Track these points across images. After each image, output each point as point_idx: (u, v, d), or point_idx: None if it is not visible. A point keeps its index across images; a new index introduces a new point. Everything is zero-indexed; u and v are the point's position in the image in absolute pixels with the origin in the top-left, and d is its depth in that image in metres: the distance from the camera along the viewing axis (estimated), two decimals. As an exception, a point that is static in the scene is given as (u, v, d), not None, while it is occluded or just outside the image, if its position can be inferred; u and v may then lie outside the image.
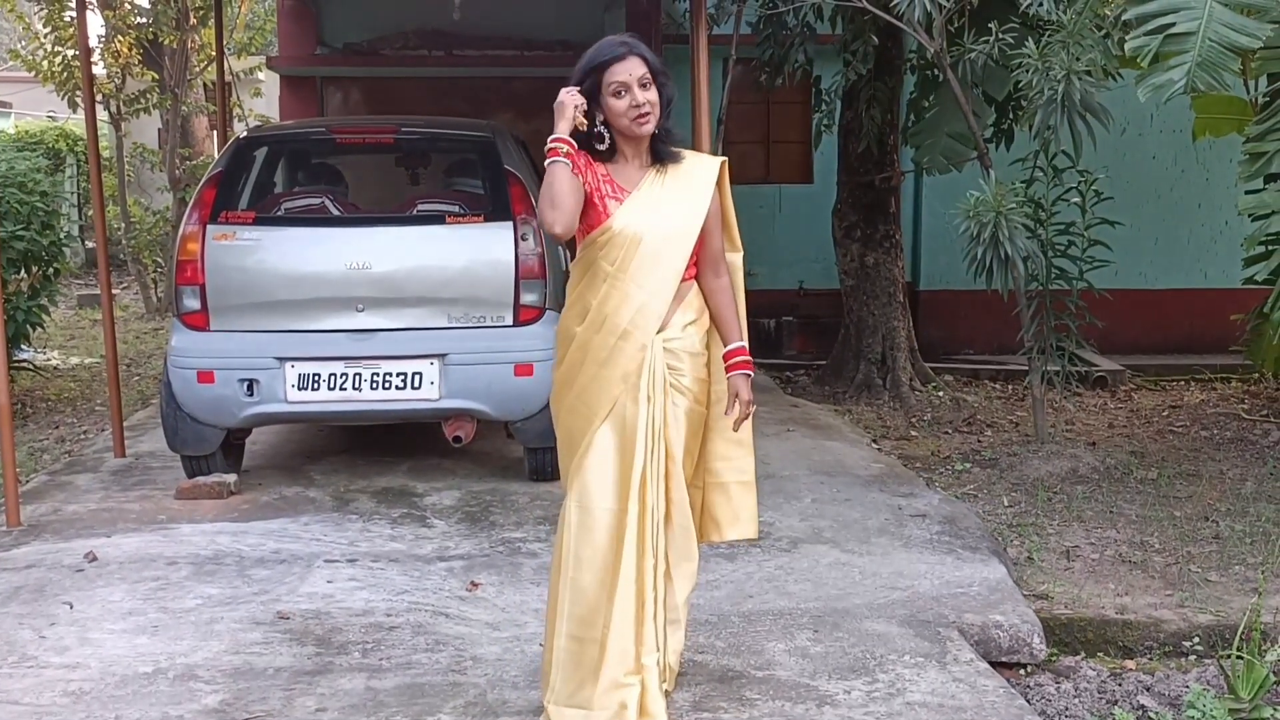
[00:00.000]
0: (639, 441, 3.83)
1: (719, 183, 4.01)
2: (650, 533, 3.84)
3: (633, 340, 3.85)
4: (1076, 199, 8.19)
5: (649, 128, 3.82)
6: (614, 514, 3.82)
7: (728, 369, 4.05)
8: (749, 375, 4.06)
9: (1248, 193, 7.98)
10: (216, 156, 7.61)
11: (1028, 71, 7.28)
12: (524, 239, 6.50)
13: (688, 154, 4.00)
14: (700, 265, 4.01)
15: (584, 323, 3.90)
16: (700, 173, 3.97)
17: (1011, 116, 9.60)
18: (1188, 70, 6.77)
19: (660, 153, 3.92)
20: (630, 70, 3.76)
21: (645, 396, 3.85)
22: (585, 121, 3.77)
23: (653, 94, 3.79)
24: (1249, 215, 8.06)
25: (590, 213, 3.86)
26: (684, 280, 3.94)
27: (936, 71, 9.17)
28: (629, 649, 3.79)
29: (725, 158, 4.07)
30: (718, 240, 4.04)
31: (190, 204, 6.70)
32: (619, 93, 3.77)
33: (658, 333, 3.88)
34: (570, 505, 3.88)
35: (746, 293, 4.20)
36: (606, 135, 3.85)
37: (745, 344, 4.07)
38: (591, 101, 3.79)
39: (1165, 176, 12.58)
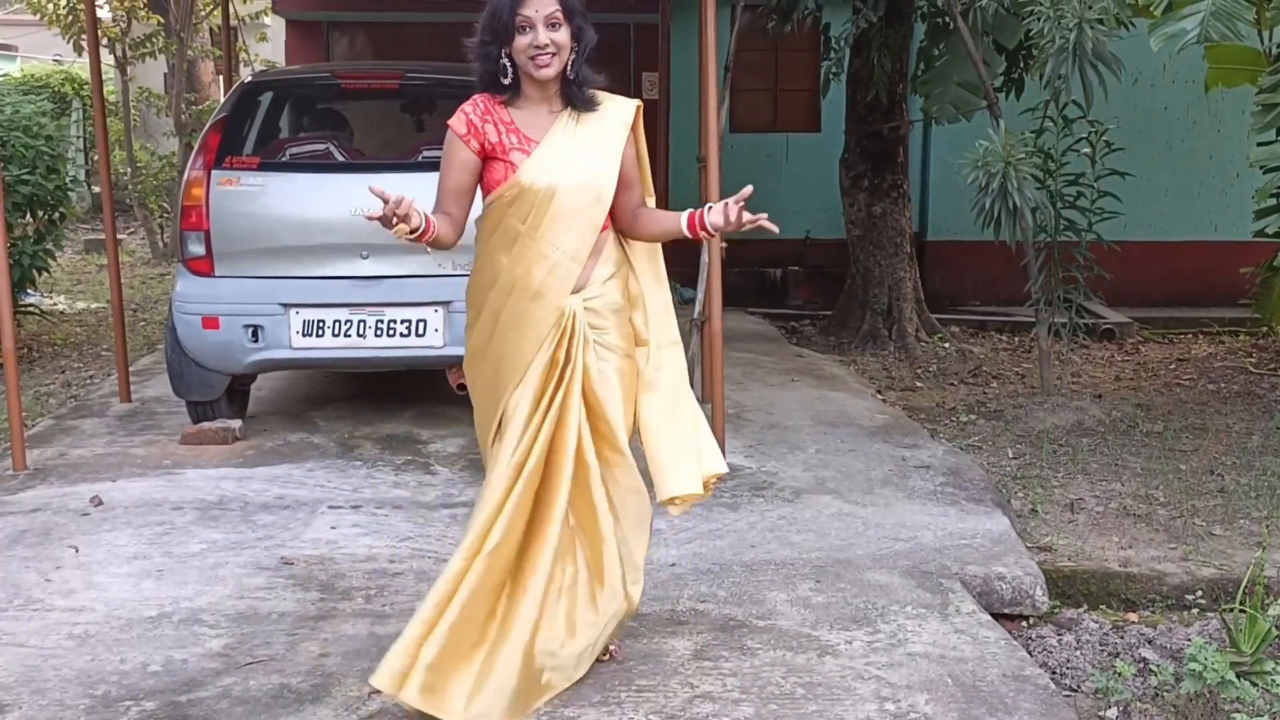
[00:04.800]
0: (551, 408, 3.67)
1: (634, 127, 3.82)
2: (558, 504, 3.69)
3: (545, 302, 3.68)
4: (1086, 149, 8.15)
5: (548, 72, 3.62)
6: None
7: (695, 222, 3.72)
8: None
9: (1260, 144, 7.93)
10: (221, 101, 7.57)
11: (1039, 19, 7.22)
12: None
13: (604, 97, 3.77)
14: (618, 217, 3.83)
15: (495, 287, 3.72)
16: (614, 117, 3.77)
17: (1022, 65, 9.53)
18: (1201, 19, 6.72)
19: (571, 97, 3.71)
20: (537, 7, 3.56)
21: (564, 357, 3.69)
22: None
23: (561, 35, 3.59)
24: (1260, 167, 8.01)
25: (493, 167, 3.69)
26: (600, 232, 3.76)
27: (947, 19, 9.09)
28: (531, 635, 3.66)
29: (640, 101, 3.87)
30: (637, 192, 3.86)
31: (195, 149, 6.67)
32: (523, 28, 3.57)
33: (576, 291, 3.71)
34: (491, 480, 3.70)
35: (752, 242, 4.15)
36: (511, 71, 3.65)
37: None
38: (504, 35, 3.60)
39: (1177, 128, 12.49)
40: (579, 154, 3.70)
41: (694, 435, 3.93)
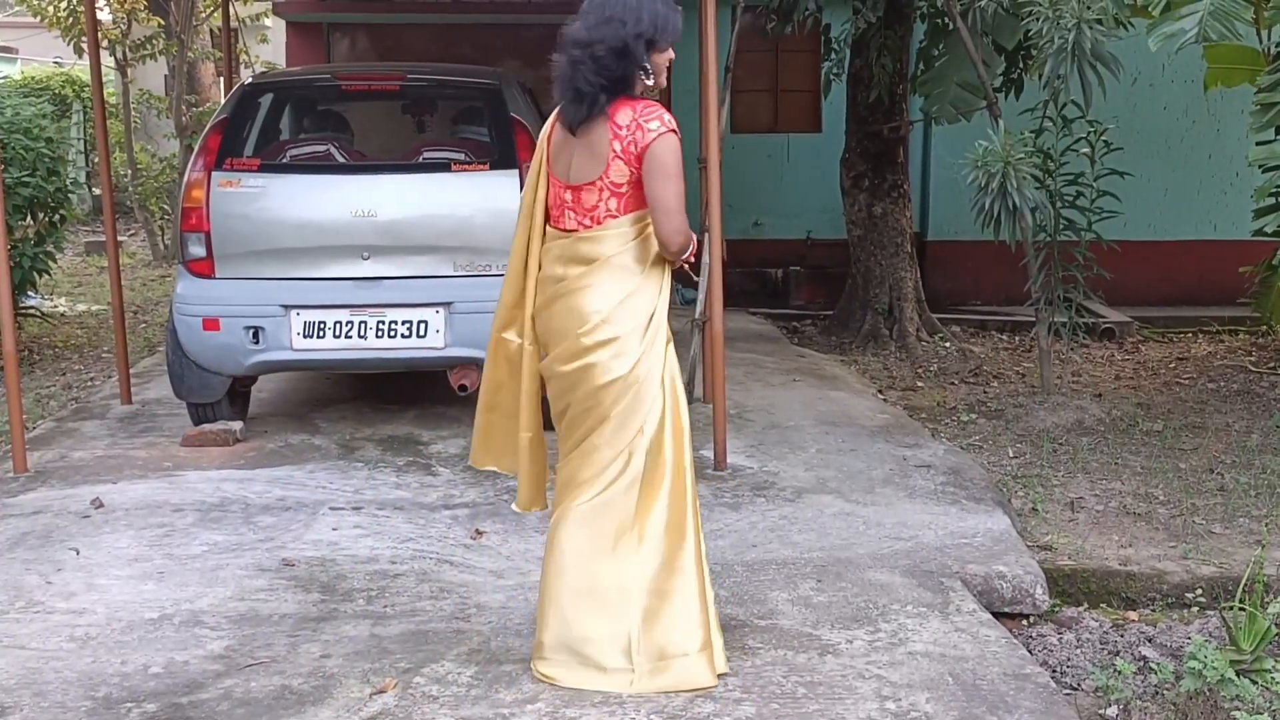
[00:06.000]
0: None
1: None
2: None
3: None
4: (1086, 149, 8.15)
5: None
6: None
7: None
8: None
9: (1258, 144, 7.93)
10: (222, 103, 7.58)
11: (1038, 20, 7.22)
12: (529, 187, 6.47)
13: None
14: None
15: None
16: None
17: (1021, 65, 9.54)
18: (1199, 19, 6.73)
19: None
20: None
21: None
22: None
23: None
24: (1259, 166, 8.01)
25: None
26: None
27: (946, 19, 9.10)
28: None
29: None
30: None
31: (195, 151, 6.68)
32: (672, 45, 3.82)
33: None
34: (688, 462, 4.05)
35: (754, 241, 4.26)
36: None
37: None
38: (664, 43, 3.78)
39: (1176, 127, 12.49)
40: None
41: None
